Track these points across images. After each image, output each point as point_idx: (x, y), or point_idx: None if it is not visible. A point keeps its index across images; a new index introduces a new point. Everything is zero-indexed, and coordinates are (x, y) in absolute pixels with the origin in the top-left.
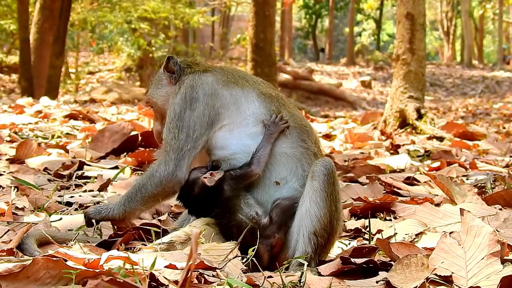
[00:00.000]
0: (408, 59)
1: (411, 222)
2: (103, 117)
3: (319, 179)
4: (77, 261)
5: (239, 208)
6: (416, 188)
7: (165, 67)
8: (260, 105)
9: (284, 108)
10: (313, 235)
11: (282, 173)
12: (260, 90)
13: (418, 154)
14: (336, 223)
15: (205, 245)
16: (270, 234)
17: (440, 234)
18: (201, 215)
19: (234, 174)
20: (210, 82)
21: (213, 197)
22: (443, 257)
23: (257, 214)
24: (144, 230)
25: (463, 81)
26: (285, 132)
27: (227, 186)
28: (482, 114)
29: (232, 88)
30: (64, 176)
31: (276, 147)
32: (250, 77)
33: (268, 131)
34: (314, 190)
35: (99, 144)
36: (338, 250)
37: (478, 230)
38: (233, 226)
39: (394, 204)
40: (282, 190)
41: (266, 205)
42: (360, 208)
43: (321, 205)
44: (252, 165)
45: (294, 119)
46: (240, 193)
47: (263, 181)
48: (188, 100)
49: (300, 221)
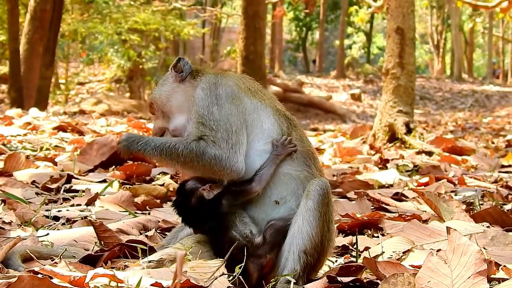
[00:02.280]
0: (398, 73)
1: (398, 240)
2: (92, 129)
3: (314, 198)
4: (62, 279)
5: (233, 224)
6: (405, 204)
7: (174, 66)
8: (274, 122)
9: (294, 130)
10: (303, 253)
11: (283, 193)
12: (276, 107)
13: (407, 169)
14: (327, 243)
15: (192, 262)
16: (261, 254)
17: (427, 252)
18: (194, 227)
19: (233, 189)
20: (232, 85)
21: (209, 210)
22: (429, 276)
23: (251, 233)
24: (130, 247)
25: (452, 95)
26: (292, 155)
27: (225, 201)
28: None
29: (252, 97)
30: (52, 190)
31: (281, 168)
32: (265, 91)
33: (275, 151)
34: (308, 209)
35: (88, 157)
36: (325, 267)
37: (464, 248)
38: (226, 243)
39: (382, 221)
40: (280, 210)
41: (261, 224)
42: (348, 225)
43: (313, 224)
44: (253, 182)
45: (302, 143)
46: (237, 210)
47: (262, 199)
48: (213, 97)
49: (291, 239)
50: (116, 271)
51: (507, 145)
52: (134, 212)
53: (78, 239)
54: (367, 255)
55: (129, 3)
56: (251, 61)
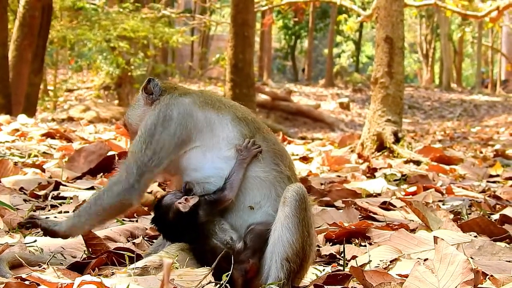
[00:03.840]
0: (387, 82)
1: (385, 249)
2: (81, 136)
3: (291, 205)
4: (50, 286)
5: (213, 233)
6: (392, 213)
7: (144, 88)
8: (233, 129)
9: (258, 132)
10: (286, 261)
11: (256, 198)
12: (235, 114)
13: (394, 178)
14: (309, 248)
15: (179, 270)
16: (244, 259)
17: (414, 262)
18: (176, 240)
19: (208, 199)
20: (186, 103)
21: (187, 222)
22: (416, 285)
23: (232, 239)
24: (118, 254)
25: (441, 104)
26: (258, 156)
27: (202, 211)
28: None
29: (208, 110)
30: (40, 196)
31: (249, 171)
32: (227, 101)
33: (240, 156)
34: (286, 216)
35: (76, 164)
36: (312, 276)
37: (452, 258)
38: (208, 251)
39: (369, 230)
40: (256, 215)
41: (241, 230)
42: (335, 234)
43: (293, 231)
44: (225, 190)
45: (267, 143)
46: (215, 218)
47: (237, 206)
48: (162, 117)
49: (272, 247)
50: (104, 278)
51: (495, 155)
52: (122, 220)
53: (66, 246)
54: (354, 264)
55: (118, 11)
56: (240, 69)
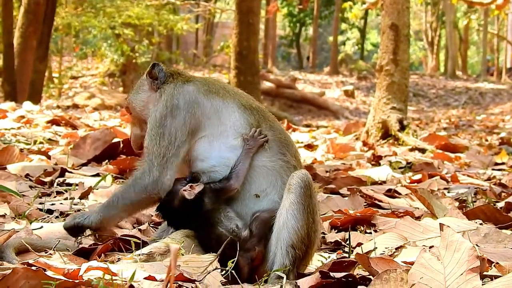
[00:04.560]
0: (392, 70)
1: (391, 236)
2: (86, 123)
3: (296, 191)
4: (56, 271)
5: (219, 221)
6: (397, 200)
7: (149, 73)
8: (240, 117)
9: (264, 121)
10: (291, 247)
11: (262, 186)
12: (240, 102)
13: (400, 165)
14: (314, 235)
15: (184, 256)
16: (250, 247)
17: (420, 249)
18: (181, 228)
19: (213, 187)
20: (191, 91)
21: (192, 209)
22: (422, 272)
23: (237, 227)
24: (124, 241)
25: (446, 92)
26: (264, 146)
27: (207, 199)
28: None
29: (213, 98)
30: (45, 183)
31: (255, 161)
32: (231, 88)
33: (247, 145)
34: (291, 203)
35: (81, 151)
36: (317, 263)
37: (457, 245)
38: (213, 239)
39: (374, 217)
40: (262, 203)
41: (246, 218)
42: (340, 221)
43: (298, 217)
44: (231, 180)
45: (273, 132)
46: (220, 206)
47: (242, 194)
48: (169, 107)
49: (277, 234)
50: (110, 264)
51: (500, 143)
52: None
53: None
54: (360, 251)
55: None
56: (245, 56)
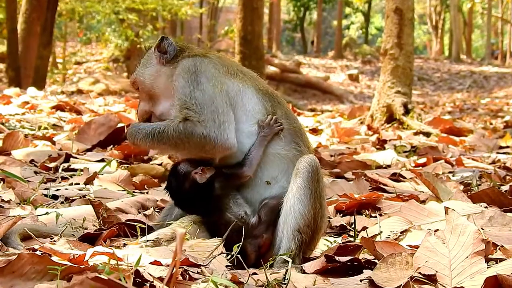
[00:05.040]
0: (396, 54)
1: (396, 220)
2: (90, 108)
3: (303, 176)
4: (62, 257)
5: (228, 207)
6: (402, 184)
7: (157, 47)
8: (258, 102)
9: (279, 108)
10: (297, 232)
11: (274, 173)
12: (258, 86)
13: (404, 149)
14: (321, 220)
15: (190, 241)
16: (258, 234)
17: (425, 232)
18: (188, 210)
19: (225, 173)
20: (211, 69)
21: (202, 193)
22: (427, 255)
23: (246, 214)
24: (129, 226)
25: (451, 76)
26: (279, 134)
27: (218, 184)
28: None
29: (233, 79)
30: (50, 169)
31: (269, 148)
32: (247, 71)
33: (262, 132)
34: (298, 187)
35: (86, 136)
36: (323, 247)
37: (462, 228)
38: (221, 225)
39: (379, 201)
40: (272, 190)
41: (255, 205)
42: (345, 205)
43: (305, 202)
44: (244, 166)
45: (288, 121)
46: (230, 191)
47: (254, 181)
48: (194, 83)
49: (284, 218)
50: (115, 249)
51: (505, 126)
52: (133, 191)
53: (77, 217)
54: (365, 235)
55: None
56: (249, 41)
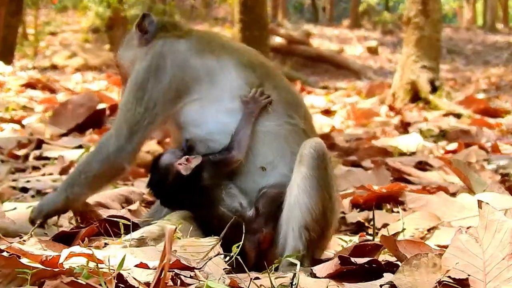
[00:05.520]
0: (421, 22)
1: (422, 215)
2: (66, 86)
3: (308, 163)
4: (33, 258)
5: (220, 199)
6: (429, 174)
7: (138, 25)
8: (237, 77)
9: (267, 79)
10: (304, 229)
11: (268, 157)
12: (238, 59)
13: (431, 133)
14: (331, 214)
15: (181, 240)
16: (257, 229)
17: (455, 229)
18: (175, 207)
19: (213, 160)
20: (181, 51)
21: (189, 186)
22: (458, 256)
23: (241, 206)
24: (111, 223)
25: (485, 48)
26: (268, 108)
27: (206, 174)
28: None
29: (206, 57)
30: (19, 157)
31: (258, 126)
32: (231, 45)
33: (247, 109)
34: (303, 177)
35: (61, 119)
36: (337, 247)
37: (498, 225)
38: (214, 221)
39: (402, 194)
40: (269, 177)
41: (251, 195)
42: (363, 198)
43: (311, 193)
44: (232, 150)
45: (278, 92)
46: (221, 181)
47: (246, 167)
48: (154, 68)
49: (288, 213)
50: (95, 249)
51: None
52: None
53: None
54: (386, 233)
55: None
56: (250, 8)
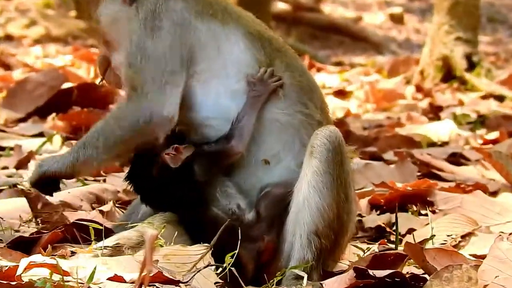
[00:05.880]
0: None
1: (455, 219)
2: (24, 61)
3: (321, 156)
4: None
5: (214, 199)
6: (464, 169)
7: None
8: (245, 50)
9: (279, 57)
10: (314, 235)
11: (273, 148)
12: (246, 28)
13: (468, 119)
14: (347, 217)
15: (164, 248)
16: (257, 236)
17: (494, 236)
18: (159, 206)
19: (207, 150)
20: (178, 10)
21: (177, 181)
22: (497, 268)
23: (239, 208)
24: (79, 227)
25: None
26: (278, 92)
27: (198, 168)
28: None
29: (209, 21)
30: None
31: (265, 112)
32: (234, 10)
33: (253, 91)
34: (314, 172)
35: (18, 101)
36: (352, 257)
37: None
38: (206, 224)
39: (432, 193)
40: (273, 173)
41: (251, 195)
42: (384, 198)
43: (324, 193)
44: (232, 139)
45: (291, 74)
46: (216, 177)
47: (247, 160)
48: (149, 29)
49: (296, 216)
50: (60, 259)
51: None
52: (84, 179)
53: (5, 215)
54: (411, 240)
55: None
56: None
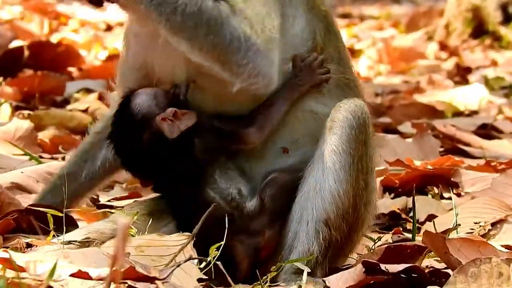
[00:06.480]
0: None
1: (484, 203)
2: None
3: (342, 133)
4: None
5: (212, 180)
6: (496, 143)
7: None
8: (306, 26)
9: (332, 42)
10: (324, 224)
11: (295, 134)
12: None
13: (502, 84)
14: (364, 208)
15: (138, 238)
16: (257, 230)
17: None
18: (142, 176)
19: (216, 126)
20: None
21: (171, 154)
22: None
23: (240, 193)
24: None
25: None
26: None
27: (200, 143)
28: None
29: None
30: None
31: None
32: None
33: (296, 78)
34: (332, 151)
35: None
36: (360, 249)
37: None
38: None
39: (457, 172)
40: (287, 159)
41: (257, 180)
42: (399, 179)
43: (341, 176)
44: (251, 126)
45: (340, 68)
46: (218, 157)
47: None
48: None
49: (304, 201)
50: (14, 252)
51: None
52: (39, 156)
53: None
54: (431, 229)
55: None
56: None
